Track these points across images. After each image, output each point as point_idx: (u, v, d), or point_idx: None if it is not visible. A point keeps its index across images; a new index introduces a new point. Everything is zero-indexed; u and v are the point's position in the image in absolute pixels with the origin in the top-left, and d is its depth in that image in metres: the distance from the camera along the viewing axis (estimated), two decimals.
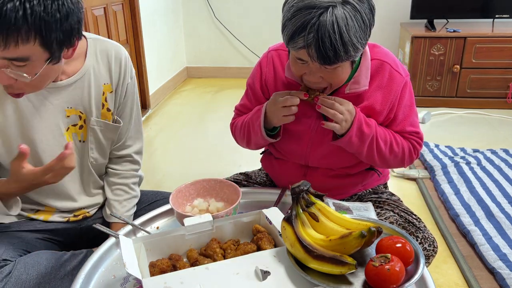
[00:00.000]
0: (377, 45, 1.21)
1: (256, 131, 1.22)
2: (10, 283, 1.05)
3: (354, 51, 1.00)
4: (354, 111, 1.13)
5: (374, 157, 1.19)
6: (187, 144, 2.89)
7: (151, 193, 1.44)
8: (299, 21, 0.97)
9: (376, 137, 1.16)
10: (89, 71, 1.19)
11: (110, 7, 2.87)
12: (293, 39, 1.00)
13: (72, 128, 1.20)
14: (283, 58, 1.24)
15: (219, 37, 4.22)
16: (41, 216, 1.25)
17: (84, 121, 1.21)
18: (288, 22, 1.00)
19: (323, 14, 0.95)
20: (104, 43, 1.23)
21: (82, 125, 1.21)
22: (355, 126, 1.12)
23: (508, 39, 3.16)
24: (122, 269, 0.97)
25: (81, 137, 1.22)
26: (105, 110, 1.24)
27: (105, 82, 1.22)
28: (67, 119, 1.18)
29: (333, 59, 0.99)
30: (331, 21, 0.95)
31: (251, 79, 1.30)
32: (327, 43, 0.96)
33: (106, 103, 1.23)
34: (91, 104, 1.21)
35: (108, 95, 1.23)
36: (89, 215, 1.33)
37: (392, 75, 1.17)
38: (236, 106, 1.38)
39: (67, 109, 1.18)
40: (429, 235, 1.21)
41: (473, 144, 2.72)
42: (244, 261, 0.89)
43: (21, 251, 1.17)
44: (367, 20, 0.99)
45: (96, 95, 1.21)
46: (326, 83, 1.09)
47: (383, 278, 0.78)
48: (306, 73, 1.08)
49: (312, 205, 0.92)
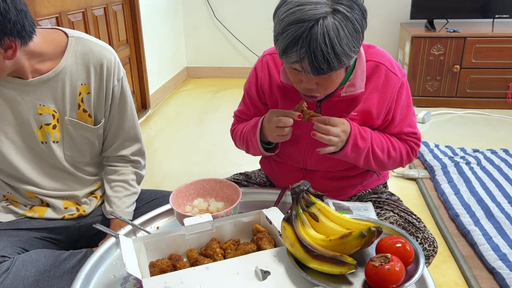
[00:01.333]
0: (372, 46, 1.20)
1: (254, 145, 1.23)
2: (8, 279, 1.06)
3: (347, 60, 0.99)
4: (349, 129, 1.12)
5: (371, 165, 1.20)
6: (187, 144, 2.89)
7: (151, 191, 1.44)
8: (291, 35, 0.96)
9: (372, 148, 1.16)
10: (65, 70, 1.18)
11: (110, 7, 2.87)
12: (286, 54, 0.99)
13: (45, 127, 1.19)
14: (278, 62, 1.23)
15: (219, 37, 4.22)
16: (36, 213, 1.26)
17: (57, 120, 1.20)
18: (279, 37, 0.99)
19: (313, 27, 0.94)
20: (87, 43, 1.22)
21: (56, 125, 1.21)
22: (350, 143, 1.12)
23: (508, 39, 3.16)
24: (122, 269, 0.97)
25: (54, 137, 1.21)
26: (81, 111, 1.22)
27: (83, 82, 1.20)
28: (40, 116, 1.18)
29: (327, 70, 0.98)
30: (322, 34, 0.93)
31: (248, 83, 1.30)
32: (319, 57, 0.95)
33: (82, 104, 1.22)
34: (65, 103, 1.19)
35: (85, 96, 1.22)
36: (85, 214, 1.32)
37: (388, 76, 1.17)
38: (235, 112, 1.38)
39: (39, 107, 1.17)
40: (429, 235, 1.21)
41: (473, 144, 2.72)
42: (244, 261, 0.89)
43: (20, 249, 1.17)
44: (358, 27, 0.98)
45: (71, 95, 1.20)
46: (321, 89, 1.08)
47: (383, 278, 0.78)
48: (303, 80, 1.07)
49: (312, 205, 0.92)
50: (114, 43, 2.93)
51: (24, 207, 1.26)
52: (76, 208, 1.31)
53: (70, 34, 1.20)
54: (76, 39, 1.20)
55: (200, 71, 4.39)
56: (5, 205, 1.26)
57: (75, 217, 1.30)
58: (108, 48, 1.25)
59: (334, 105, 1.18)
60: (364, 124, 1.19)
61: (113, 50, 1.27)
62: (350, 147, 1.12)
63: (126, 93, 1.30)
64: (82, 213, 1.31)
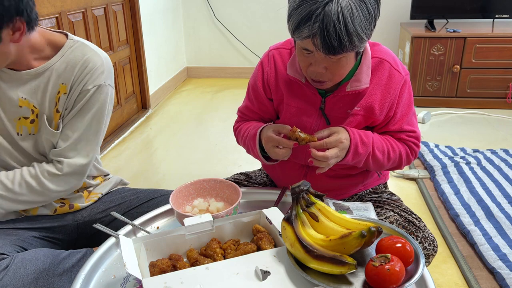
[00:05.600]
0: (377, 44, 1.21)
1: (255, 152, 1.24)
2: (7, 277, 1.06)
3: (358, 41, 1.00)
4: (348, 136, 1.13)
5: (369, 166, 1.21)
6: (187, 144, 2.90)
7: (150, 191, 1.44)
8: (305, 11, 0.98)
9: (373, 152, 1.17)
10: (52, 68, 1.19)
11: (110, 7, 2.87)
12: (299, 29, 1.00)
13: (23, 120, 1.20)
14: (284, 57, 1.24)
15: (219, 37, 4.22)
16: (29, 211, 1.26)
17: (36, 115, 1.21)
18: (293, 12, 1.01)
19: (328, 4, 0.95)
20: (84, 48, 1.21)
21: (34, 119, 1.21)
22: (350, 152, 1.13)
23: (508, 39, 3.16)
24: (122, 269, 0.97)
25: (31, 130, 1.22)
26: (55, 110, 1.21)
27: (63, 82, 1.20)
28: (19, 109, 1.19)
29: (338, 49, 0.99)
30: (336, 11, 0.95)
31: (253, 79, 1.30)
32: (331, 33, 0.96)
33: (58, 102, 1.21)
34: (44, 100, 1.20)
35: (62, 96, 1.21)
36: (77, 207, 1.32)
37: (392, 73, 1.17)
38: (239, 108, 1.38)
39: (20, 99, 1.18)
40: (429, 234, 1.21)
41: (473, 144, 2.72)
42: (244, 261, 0.89)
43: (19, 248, 1.17)
44: (372, 11, 0.99)
45: (51, 93, 1.20)
46: (329, 74, 1.09)
47: (383, 278, 0.78)
48: (312, 63, 1.07)
49: (312, 205, 0.92)
50: (114, 43, 2.93)
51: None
52: (61, 203, 1.31)
53: (70, 37, 1.22)
54: (73, 42, 1.21)
55: (200, 71, 4.39)
56: None
57: (68, 210, 1.30)
58: (100, 54, 1.22)
59: (338, 100, 1.18)
60: (367, 119, 1.19)
61: (107, 58, 1.24)
62: (351, 156, 1.13)
63: (94, 105, 1.21)
64: (73, 205, 1.31)
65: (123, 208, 1.37)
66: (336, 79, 1.11)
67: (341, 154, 1.11)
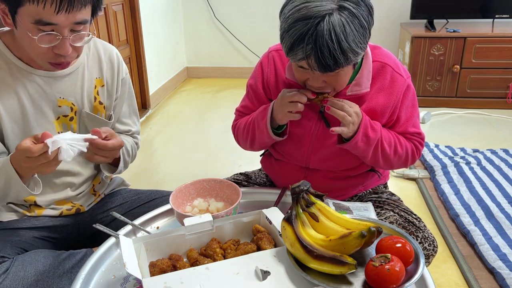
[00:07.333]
0: (378, 47, 1.21)
1: (261, 129, 1.21)
2: (7, 280, 1.06)
3: (354, 56, 0.99)
4: (360, 114, 1.12)
5: (378, 160, 1.19)
6: (187, 144, 2.89)
7: (151, 191, 1.44)
8: (297, 33, 0.96)
9: (381, 140, 1.16)
10: (83, 65, 1.24)
11: (110, 7, 2.87)
12: (292, 51, 0.99)
13: (62, 118, 1.23)
14: (284, 58, 1.24)
15: (219, 37, 4.22)
16: (34, 211, 1.26)
17: (75, 113, 1.24)
18: (285, 34, 0.99)
19: (319, 24, 0.94)
20: (97, 41, 1.30)
21: (73, 117, 1.24)
22: (361, 131, 1.12)
23: (508, 39, 3.16)
24: (122, 269, 0.97)
25: (71, 128, 1.25)
26: (97, 103, 1.27)
27: (97, 76, 1.27)
28: (58, 108, 1.21)
29: (334, 67, 0.98)
30: (328, 30, 0.94)
31: (253, 79, 1.30)
32: (325, 53, 0.95)
33: (98, 96, 1.27)
34: (83, 96, 1.24)
35: (100, 89, 1.27)
36: (83, 209, 1.32)
37: (394, 77, 1.17)
38: (237, 108, 1.38)
39: (59, 99, 1.20)
40: (429, 234, 1.21)
41: (473, 144, 2.72)
42: (244, 261, 0.89)
43: (19, 249, 1.17)
44: (365, 23, 0.98)
45: (88, 88, 1.25)
46: (329, 87, 1.09)
47: (383, 278, 0.78)
48: (310, 78, 1.07)
49: (312, 205, 0.92)
50: (114, 43, 2.93)
51: (23, 207, 1.26)
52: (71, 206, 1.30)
53: None
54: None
55: (200, 71, 4.39)
56: (5, 204, 1.26)
57: (73, 213, 1.30)
58: (110, 45, 1.33)
59: None
60: None
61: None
62: (360, 135, 1.12)
63: (131, 88, 1.39)
64: (79, 208, 1.31)
65: (123, 208, 1.37)
66: (337, 89, 1.11)
67: (354, 118, 1.09)
